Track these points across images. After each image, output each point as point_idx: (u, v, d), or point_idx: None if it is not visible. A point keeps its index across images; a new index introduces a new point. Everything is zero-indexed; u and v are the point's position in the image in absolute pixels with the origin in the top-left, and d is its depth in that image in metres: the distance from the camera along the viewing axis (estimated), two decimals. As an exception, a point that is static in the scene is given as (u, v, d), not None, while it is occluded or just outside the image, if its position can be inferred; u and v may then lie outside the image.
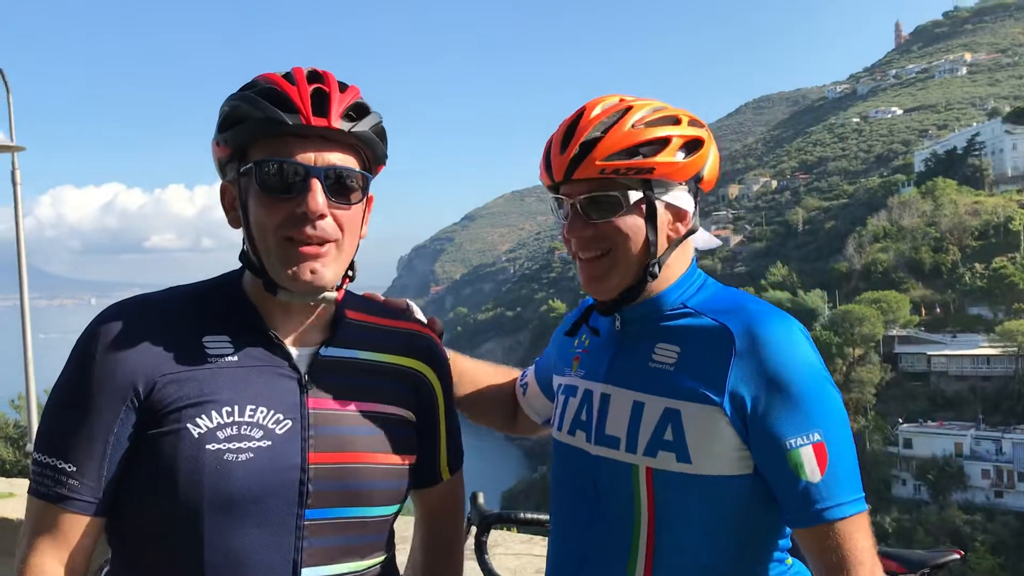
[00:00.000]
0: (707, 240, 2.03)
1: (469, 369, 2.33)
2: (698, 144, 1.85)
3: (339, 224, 1.64)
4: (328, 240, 1.62)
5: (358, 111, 1.66)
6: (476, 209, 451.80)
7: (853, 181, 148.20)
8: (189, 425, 1.55)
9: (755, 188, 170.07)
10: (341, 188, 1.64)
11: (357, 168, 1.67)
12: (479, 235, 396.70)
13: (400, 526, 1.89)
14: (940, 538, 59.48)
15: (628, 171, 1.78)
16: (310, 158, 1.60)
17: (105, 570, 1.95)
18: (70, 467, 1.55)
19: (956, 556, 3.18)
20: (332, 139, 1.62)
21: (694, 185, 1.89)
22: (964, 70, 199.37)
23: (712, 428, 1.72)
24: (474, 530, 3.15)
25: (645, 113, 1.83)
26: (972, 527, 62.12)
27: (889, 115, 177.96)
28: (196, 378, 1.60)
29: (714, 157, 1.90)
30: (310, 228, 1.59)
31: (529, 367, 2.38)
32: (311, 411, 1.65)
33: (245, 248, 1.70)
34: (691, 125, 1.86)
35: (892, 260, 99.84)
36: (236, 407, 1.59)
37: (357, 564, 1.71)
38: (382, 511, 1.75)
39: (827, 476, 1.67)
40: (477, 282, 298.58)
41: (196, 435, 1.55)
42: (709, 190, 1.96)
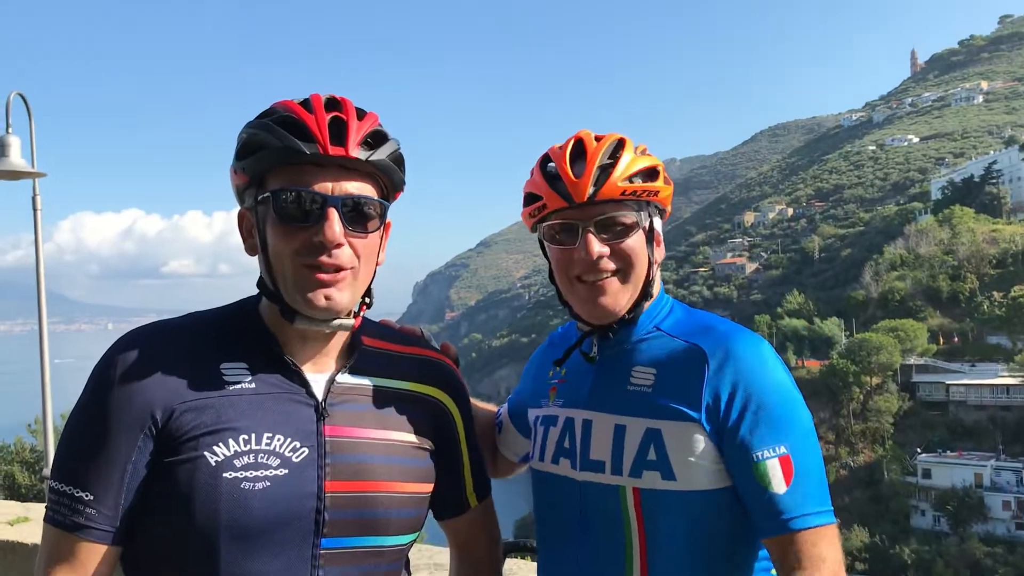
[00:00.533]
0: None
1: None
2: (667, 177, 1.98)
3: (356, 252, 1.63)
4: (344, 268, 1.62)
5: (376, 139, 1.65)
6: (491, 235, 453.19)
7: (869, 209, 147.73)
8: (206, 453, 1.55)
9: (771, 215, 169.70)
10: (358, 216, 1.63)
11: (375, 196, 1.66)
12: (494, 261, 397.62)
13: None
14: (960, 571, 58.69)
15: (644, 193, 1.90)
16: (328, 187, 1.59)
17: None
18: (87, 496, 1.54)
19: None
20: (350, 167, 1.62)
21: (662, 214, 2.02)
22: (980, 98, 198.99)
23: (693, 444, 1.79)
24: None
25: (635, 144, 1.96)
26: (993, 559, 61.10)
27: (905, 143, 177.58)
28: (214, 405, 1.59)
29: None
30: (327, 256, 1.59)
31: (503, 406, 2.39)
32: (328, 439, 1.65)
33: (262, 275, 1.69)
34: None
35: (909, 288, 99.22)
36: (253, 435, 1.58)
37: None
38: (398, 540, 1.73)
39: (792, 488, 1.73)
40: (492, 308, 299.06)
41: (213, 463, 1.54)
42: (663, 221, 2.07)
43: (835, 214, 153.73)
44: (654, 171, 1.94)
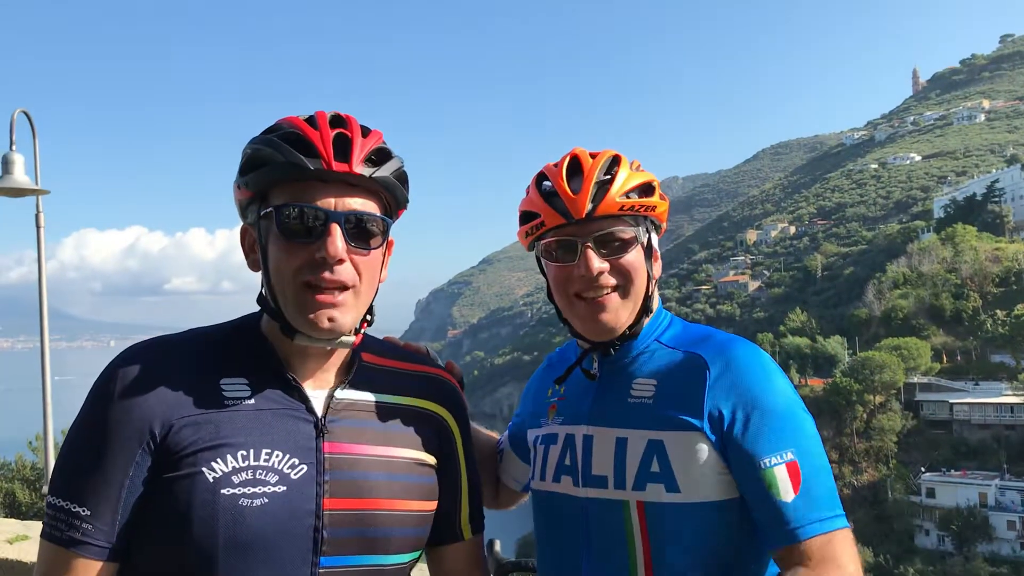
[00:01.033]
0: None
1: None
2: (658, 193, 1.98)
3: (357, 269, 1.62)
4: (346, 285, 1.61)
5: (380, 156, 1.65)
6: (494, 252, 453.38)
7: (872, 227, 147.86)
8: (204, 469, 1.53)
9: (773, 233, 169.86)
10: (361, 233, 1.62)
11: (378, 213, 1.66)
12: (497, 279, 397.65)
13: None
14: (965, 591, 58.22)
15: (641, 208, 1.89)
16: (331, 203, 1.59)
17: None
18: (84, 511, 1.52)
19: None
20: (353, 184, 1.61)
21: (658, 230, 2.02)
22: (982, 117, 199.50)
23: (696, 454, 1.76)
24: (491, 579, 3.11)
25: (630, 160, 1.95)
26: (998, 580, 60.71)
27: (907, 161, 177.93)
28: (213, 421, 1.58)
29: None
30: (328, 273, 1.58)
31: (504, 434, 2.36)
32: (327, 456, 1.63)
33: (263, 291, 1.69)
34: None
35: (912, 307, 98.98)
36: (252, 451, 1.57)
37: None
38: (398, 559, 1.71)
39: (800, 495, 1.70)
40: (494, 326, 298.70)
41: (211, 479, 1.52)
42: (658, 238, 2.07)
43: (838, 232, 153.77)
44: (650, 187, 1.93)
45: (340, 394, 1.71)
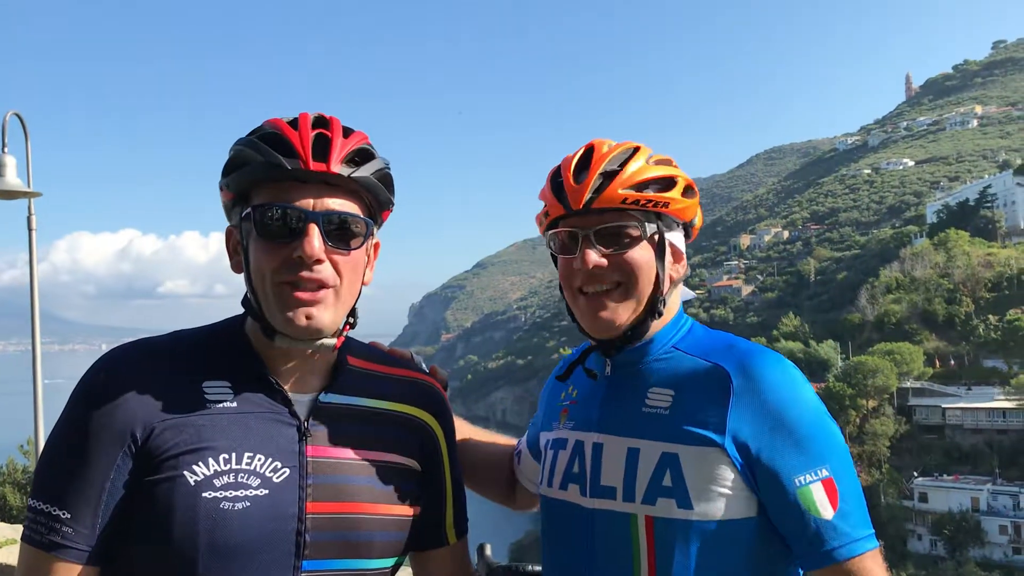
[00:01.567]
0: (687, 292, 2.05)
1: (468, 435, 2.27)
2: (692, 190, 1.89)
3: (338, 270, 1.61)
4: (325, 285, 1.60)
5: (362, 156, 1.65)
6: (488, 257, 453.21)
7: (865, 232, 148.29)
8: (186, 472, 1.52)
9: (766, 238, 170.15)
10: (341, 233, 1.62)
11: (359, 214, 1.65)
12: (490, 283, 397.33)
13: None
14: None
15: (647, 203, 1.79)
16: (309, 203, 1.58)
17: None
18: (64, 514, 1.51)
19: None
20: (333, 184, 1.61)
21: (688, 230, 1.94)
22: (975, 122, 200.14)
23: (713, 470, 1.68)
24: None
25: (652, 153, 1.87)
26: (991, 584, 60.83)
27: (900, 167, 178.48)
28: (194, 424, 1.56)
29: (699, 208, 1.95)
30: (307, 272, 1.57)
31: (523, 437, 2.32)
32: (310, 459, 1.62)
33: (247, 293, 1.67)
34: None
35: (905, 311, 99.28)
36: (234, 454, 1.56)
37: None
38: (381, 563, 1.69)
39: (839, 513, 1.64)
40: (488, 330, 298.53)
41: (192, 483, 1.51)
42: (691, 240, 1.99)
43: (831, 237, 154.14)
44: (670, 181, 1.84)
45: (324, 398, 1.70)
